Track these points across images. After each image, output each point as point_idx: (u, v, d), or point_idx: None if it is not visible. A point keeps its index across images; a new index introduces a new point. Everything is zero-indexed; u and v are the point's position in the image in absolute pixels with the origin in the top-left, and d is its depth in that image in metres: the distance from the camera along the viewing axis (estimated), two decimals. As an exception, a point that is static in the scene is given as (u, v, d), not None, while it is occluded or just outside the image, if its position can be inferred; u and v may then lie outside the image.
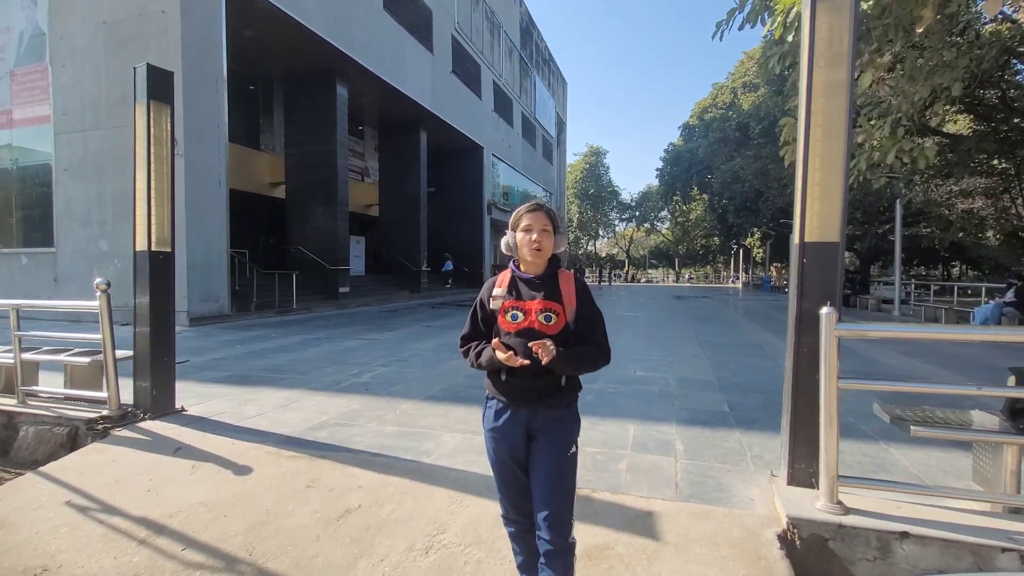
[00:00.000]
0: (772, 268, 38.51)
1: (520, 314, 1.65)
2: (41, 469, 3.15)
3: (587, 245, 64.48)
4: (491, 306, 1.71)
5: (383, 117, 19.93)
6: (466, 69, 22.48)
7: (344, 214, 15.19)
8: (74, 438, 3.59)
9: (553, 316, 1.64)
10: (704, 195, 40.23)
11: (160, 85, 3.79)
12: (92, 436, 3.52)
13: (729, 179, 28.92)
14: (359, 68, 14.68)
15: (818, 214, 2.40)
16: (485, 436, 1.75)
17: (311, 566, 2.22)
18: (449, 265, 23.01)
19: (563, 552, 1.64)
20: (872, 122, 7.00)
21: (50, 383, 4.46)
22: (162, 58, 9.10)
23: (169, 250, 3.83)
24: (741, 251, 41.50)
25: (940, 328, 2.32)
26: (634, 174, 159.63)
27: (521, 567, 1.84)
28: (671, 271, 63.46)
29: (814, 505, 2.28)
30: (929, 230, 24.13)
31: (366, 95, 16.99)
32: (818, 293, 2.42)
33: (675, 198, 44.39)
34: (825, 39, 2.37)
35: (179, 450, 3.29)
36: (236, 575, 2.19)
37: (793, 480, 2.51)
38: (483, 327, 1.77)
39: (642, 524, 2.35)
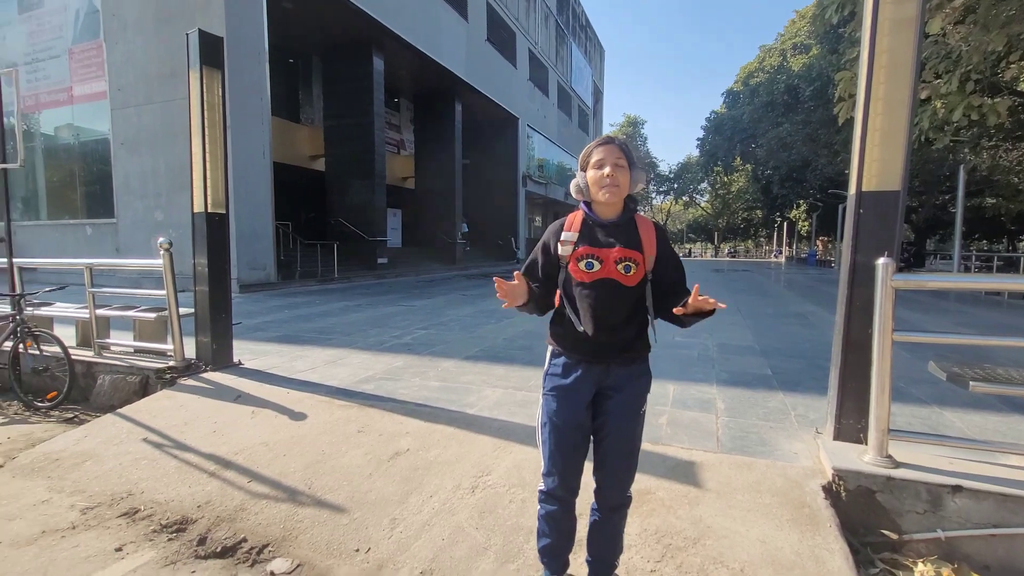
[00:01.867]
0: (818, 242, 36.87)
1: (596, 263, 1.49)
2: (119, 411, 3.44)
3: (622, 219, 63.26)
4: (560, 251, 1.53)
5: (418, 88, 19.89)
6: (501, 37, 22.06)
7: (381, 186, 15.40)
8: (145, 386, 3.88)
9: (632, 266, 1.48)
10: (747, 165, 38.61)
11: (211, 50, 3.91)
12: (161, 384, 3.80)
13: (775, 147, 27.58)
14: (394, 37, 14.62)
15: (878, 161, 2.30)
16: (546, 397, 1.59)
17: (365, 499, 2.37)
18: (464, 227, 23.04)
19: (623, 505, 1.64)
20: (939, 78, 6.52)
21: (119, 338, 4.79)
22: (207, 29, 9.32)
23: (224, 211, 4.02)
24: (785, 224, 39.85)
25: (1006, 278, 2.18)
26: (673, 145, 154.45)
27: (547, 551, 1.67)
28: (709, 245, 61.70)
29: (862, 458, 2.25)
30: (995, 200, 22.46)
31: (401, 66, 16.96)
32: (874, 244, 2.33)
33: (716, 169, 42.81)
34: (894, -28, 2.22)
35: (239, 397, 3.51)
36: (297, 505, 2.37)
37: (840, 435, 2.48)
38: (542, 274, 1.59)
39: (683, 472, 2.38)
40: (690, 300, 1.40)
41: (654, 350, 1.63)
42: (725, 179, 47.82)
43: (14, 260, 4.42)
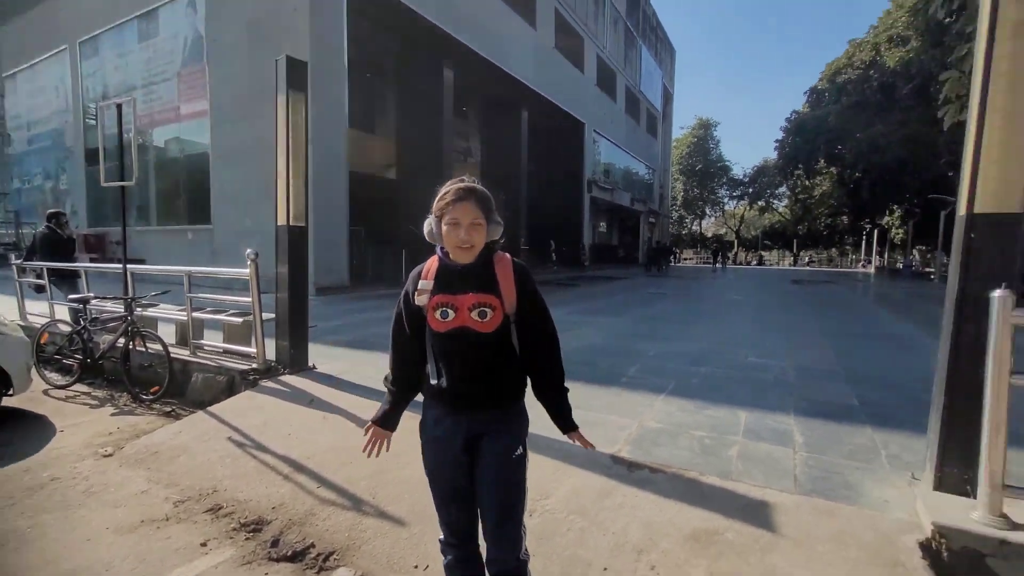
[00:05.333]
0: (915, 251, 33.55)
1: (451, 311, 1.40)
2: (209, 409, 3.74)
3: (692, 224, 60.95)
4: (417, 301, 1.46)
5: (485, 97, 20.27)
6: (569, 43, 22.00)
7: (448, 193, 15.81)
8: (231, 385, 4.20)
9: (489, 311, 1.40)
10: (832, 169, 35.86)
11: (296, 75, 4.18)
12: (244, 385, 4.10)
13: (866, 149, 25.43)
14: (463, 49, 15.01)
15: (995, 179, 2.03)
16: (422, 446, 1.55)
17: (425, 513, 2.40)
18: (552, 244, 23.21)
19: (514, 570, 1.50)
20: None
21: (211, 338, 5.22)
22: (294, 52, 10.02)
23: (304, 224, 4.28)
24: (875, 232, 36.61)
25: None
26: (748, 148, 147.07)
27: None
28: (787, 253, 57.87)
29: (969, 515, 1.99)
30: None
31: (470, 75, 17.35)
32: (989, 274, 2.06)
33: (796, 172, 40.11)
34: (1018, -33, 1.96)
35: (312, 402, 3.71)
36: (362, 514, 2.45)
37: (941, 485, 2.21)
38: (408, 324, 1.52)
39: (755, 513, 2.23)
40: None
41: (725, 372, 1.55)
42: (807, 183, 44.64)
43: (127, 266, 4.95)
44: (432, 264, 1.49)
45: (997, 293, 1.93)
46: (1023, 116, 2.00)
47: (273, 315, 4.42)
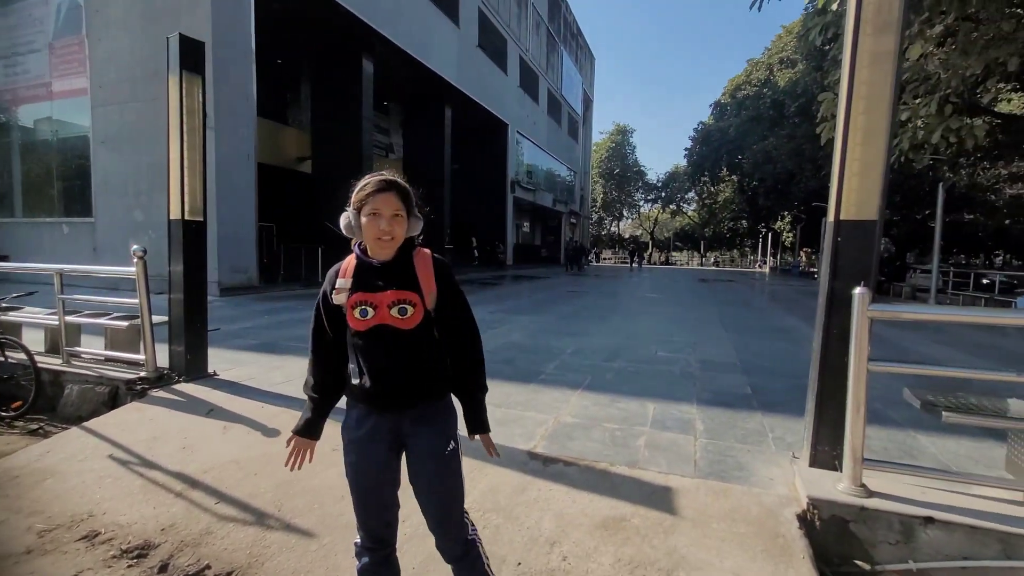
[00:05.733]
0: (801, 253, 37.50)
1: (370, 309, 1.40)
2: (85, 424, 3.33)
3: (610, 225, 63.76)
4: (335, 300, 1.44)
5: (408, 92, 19.83)
6: (492, 43, 22.10)
7: (369, 190, 15.27)
8: (114, 397, 3.77)
9: (409, 308, 1.40)
10: (733, 176, 39.15)
11: (192, 56, 3.84)
12: (131, 396, 3.69)
13: (761, 160, 28.03)
14: (384, 41, 14.56)
15: (856, 191, 2.31)
16: (344, 447, 1.50)
17: (336, 523, 2.31)
18: (474, 241, 23.31)
19: (466, 553, 1.55)
20: (918, 99, 6.65)
21: (91, 345, 4.66)
22: (193, 30, 9.13)
23: (201, 219, 3.93)
24: (770, 235, 40.45)
25: (980, 311, 2.25)
26: (662, 154, 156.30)
27: None
28: (696, 254, 62.34)
29: (836, 487, 2.26)
30: (973, 216, 23.05)
31: (392, 69, 16.89)
32: (852, 273, 2.34)
33: (703, 179, 43.34)
34: (874, 5, 2.24)
35: (212, 411, 3.43)
36: (266, 529, 2.30)
37: (815, 462, 2.49)
38: (328, 325, 1.49)
39: (659, 498, 2.37)
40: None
41: (636, 366, 1.62)
42: (712, 189, 48.37)
43: (-19, 264, 4.28)
44: (350, 262, 1.47)
45: (857, 290, 2.20)
46: (878, 135, 2.29)
47: (166, 318, 4.02)
